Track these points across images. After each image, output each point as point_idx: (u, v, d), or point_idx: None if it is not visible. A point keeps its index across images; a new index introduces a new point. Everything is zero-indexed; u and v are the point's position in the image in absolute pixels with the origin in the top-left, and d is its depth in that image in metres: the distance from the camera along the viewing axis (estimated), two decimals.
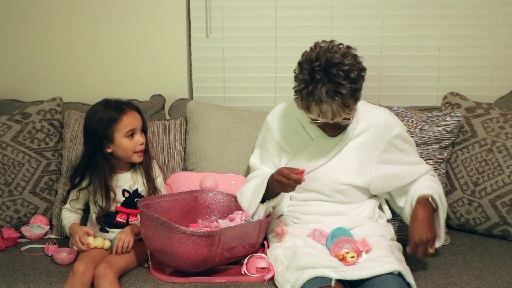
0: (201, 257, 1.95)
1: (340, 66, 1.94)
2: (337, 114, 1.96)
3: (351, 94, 1.95)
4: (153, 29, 2.86)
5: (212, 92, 2.93)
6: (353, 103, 1.98)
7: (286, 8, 2.84)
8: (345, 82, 1.93)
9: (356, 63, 1.99)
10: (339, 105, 1.94)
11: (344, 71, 1.94)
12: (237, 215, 2.16)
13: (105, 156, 2.20)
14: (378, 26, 2.83)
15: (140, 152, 2.22)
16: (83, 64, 2.90)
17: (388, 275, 1.84)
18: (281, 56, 2.88)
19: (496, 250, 2.30)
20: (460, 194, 2.44)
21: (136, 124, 2.20)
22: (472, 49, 2.84)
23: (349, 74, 1.94)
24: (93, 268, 2.02)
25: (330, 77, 1.93)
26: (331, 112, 1.96)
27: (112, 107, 2.20)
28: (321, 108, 1.95)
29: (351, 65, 1.96)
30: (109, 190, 2.21)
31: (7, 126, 2.53)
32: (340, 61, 1.95)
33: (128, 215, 2.24)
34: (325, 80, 1.93)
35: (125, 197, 2.25)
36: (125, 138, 2.18)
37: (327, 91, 1.92)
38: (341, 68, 1.94)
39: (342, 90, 1.93)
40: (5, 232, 2.37)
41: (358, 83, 1.98)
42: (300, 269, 1.90)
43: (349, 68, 1.95)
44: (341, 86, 1.93)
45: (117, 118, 2.17)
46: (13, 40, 2.90)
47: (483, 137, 2.43)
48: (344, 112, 1.97)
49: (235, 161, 2.49)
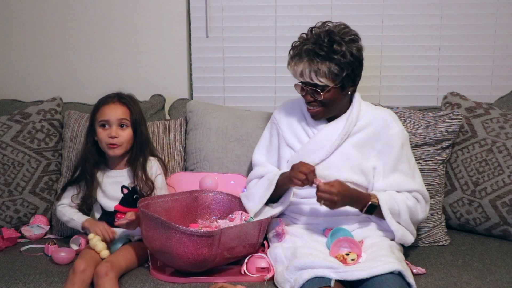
0: (201, 257, 1.95)
1: (332, 35, 2.05)
2: (305, 74, 2.05)
3: (329, 61, 2.02)
4: (153, 29, 2.86)
5: (212, 92, 2.93)
6: (328, 73, 2.03)
7: (286, 8, 2.85)
8: (326, 49, 2.02)
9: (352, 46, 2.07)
10: (310, 66, 2.03)
11: (332, 39, 2.04)
12: (237, 215, 2.17)
13: (94, 143, 2.25)
14: (378, 26, 2.83)
15: (111, 145, 2.21)
16: (83, 64, 2.90)
17: (388, 275, 1.84)
18: (281, 56, 2.87)
19: (496, 250, 2.30)
20: (460, 194, 2.44)
21: (112, 116, 2.20)
22: (472, 49, 2.84)
23: (334, 43, 2.03)
24: (94, 266, 2.02)
25: (317, 40, 2.05)
26: (301, 69, 2.05)
27: (105, 96, 2.26)
28: (296, 63, 2.06)
29: (345, 39, 2.05)
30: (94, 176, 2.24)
31: (7, 126, 2.53)
32: (335, 33, 2.06)
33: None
34: (312, 41, 2.06)
35: (124, 194, 2.25)
36: (99, 127, 2.22)
37: (307, 49, 2.04)
38: (332, 37, 2.05)
39: (320, 52, 2.02)
40: (5, 232, 2.37)
41: (343, 59, 2.03)
42: (300, 269, 1.90)
43: (338, 41, 2.04)
44: (321, 50, 2.02)
45: (98, 107, 2.24)
46: (13, 40, 2.90)
47: (483, 137, 2.43)
48: (312, 75, 2.03)
49: (235, 161, 2.49)
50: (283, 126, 2.25)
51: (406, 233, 2.11)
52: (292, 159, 2.17)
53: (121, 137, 2.21)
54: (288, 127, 2.24)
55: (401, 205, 2.09)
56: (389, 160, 2.14)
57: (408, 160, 2.17)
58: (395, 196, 2.10)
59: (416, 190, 2.15)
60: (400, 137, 2.16)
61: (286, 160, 2.21)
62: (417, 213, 2.15)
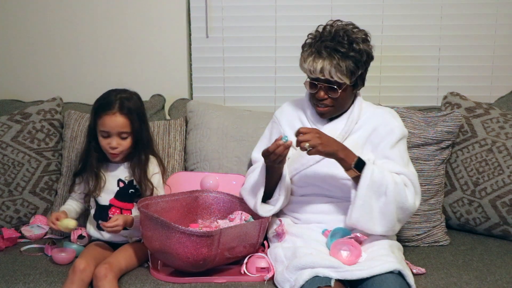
0: (201, 257, 1.95)
1: (349, 33, 2.07)
2: (326, 70, 2.03)
3: (348, 58, 2.03)
4: (153, 29, 2.86)
5: (212, 92, 2.93)
6: (346, 71, 2.03)
7: (286, 8, 2.85)
8: (347, 46, 2.03)
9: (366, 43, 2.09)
10: (331, 63, 2.02)
11: (351, 38, 2.05)
12: (236, 215, 2.17)
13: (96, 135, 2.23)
14: (378, 26, 2.83)
15: (112, 154, 2.21)
16: (83, 64, 2.90)
17: (388, 274, 1.84)
18: (281, 56, 2.88)
19: (496, 250, 2.30)
20: (460, 194, 2.44)
21: (112, 129, 2.18)
22: (472, 49, 2.84)
23: (354, 42, 2.05)
24: (94, 266, 2.02)
25: (335, 37, 2.05)
26: (321, 66, 2.03)
27: (106, 100, 2.20)
28: (315, 59, 2.04)
29: (360, 38, 2.07)
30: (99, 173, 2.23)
31: (7, 126, 2.53)
32: (351, 32, 2.07)
33: (122, 210, 2.24)
34: (330, 38, 2.06)
35: (120, 187, 2.25)
36: (100, 135, 2.21)
37: (326, 46, 2.04)
38: (349, 35, 2.06)
39: (341, 49, 2.03)
40: (5, 232, 2.37)
41: (360, 57, 2.05)
42: (300, 269, 1.90)
43: (356, 39, 2.06)
44: (342, 47, 2.03)
45: (100, 114, 2.19)
46: (13, 40, 2.90)
47: (483, 137, 2.43)
48: (332, 72, 2.02)
49: (236, 161, 2.49)
50: (284, 125, 2.25)
51: (377, 218, 2.00)
52: (293, 157, 2.17)
53: (121, 147, 2.21)
54: (289, 125, 2.24)
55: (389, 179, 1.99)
56: (382, 149, 2.10)
57: (400, 153, 2.11)
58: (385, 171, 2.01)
59: (405, 174, 2.05)
60: (397, 131, 2.13)
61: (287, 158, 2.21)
62: (405, 196, 2.01)
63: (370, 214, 2.00)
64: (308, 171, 2.13)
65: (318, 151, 1.94)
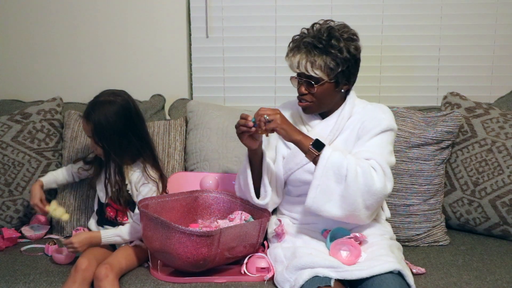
0: (201, 257, 1.95)
1: (332, 31, 2.07)
2: (301, 65, 2.05)
3: (326, 54, 2.03)
4: (153, 29, 2.86)
5: (212, 92, 2.93)
6: (324, 67, 2.04)
7: (286, 8, 2.85)
8: (325, 43, 2.04)
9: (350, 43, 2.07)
10: (307, 58, 2.04)
11: (331, 35, 2.06)
12: (236, 215, 2.17)
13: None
14: (378, 26, 2.84)
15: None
16: (83, 64, 2.91)
17: (388, 274, 1.84)
18: (281, 56, 2.84)
19: (496, 250, 2.30)
20: (460, 194, 2.44)
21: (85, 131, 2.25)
22: (472, 49, 2.84)
23: (333, 39, 2.05)
24: (96, 265, 2.03)
25: (317, 34, 2.07)
26: (297, 60, 2.06)
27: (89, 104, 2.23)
28: (294, 54, 2.07)
29: (343, 37, 2.06)
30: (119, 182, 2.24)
31: (7, 126, 2.53)
32: (335, 30, 2.07)
33: (117, 212, 2.24)
34: (312, 35, 2.08)
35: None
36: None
37: (305, 42, 2.06)
38: (331, 32, 2.06)
39: (318, 45, 2.04)
40: (5, 232, 2.37)
41: (340, 54, 2.04)
42: (300, 268, 1.90)
43: (337, 36, 2.05)
44: (319, 43, 2.04)
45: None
46: (13, 40, 2.90)
47: (483, 137, 2.43)
48: (308, 66, 2.04)
49: (235, 161, 2.49)
50: None
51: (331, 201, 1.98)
52: (288, 156, 2.18)
53: (97, 151, 2.23)
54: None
55: (352, 162, 1.96)
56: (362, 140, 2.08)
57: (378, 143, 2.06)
58: (348, 155, 2.00)
59: (374, 159, 2.00)
60: (384, 123, 2.08)
61: (282, 156, 2.21)
62: (372, 180, 1.94)
63: (328, 196, 1.98)
64: (302, 170, 2.12)
65: (276, 124, 1.99)
